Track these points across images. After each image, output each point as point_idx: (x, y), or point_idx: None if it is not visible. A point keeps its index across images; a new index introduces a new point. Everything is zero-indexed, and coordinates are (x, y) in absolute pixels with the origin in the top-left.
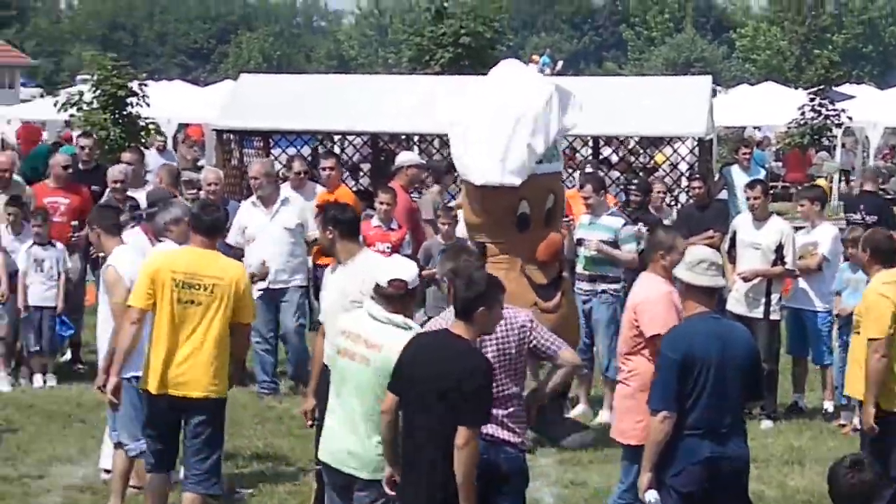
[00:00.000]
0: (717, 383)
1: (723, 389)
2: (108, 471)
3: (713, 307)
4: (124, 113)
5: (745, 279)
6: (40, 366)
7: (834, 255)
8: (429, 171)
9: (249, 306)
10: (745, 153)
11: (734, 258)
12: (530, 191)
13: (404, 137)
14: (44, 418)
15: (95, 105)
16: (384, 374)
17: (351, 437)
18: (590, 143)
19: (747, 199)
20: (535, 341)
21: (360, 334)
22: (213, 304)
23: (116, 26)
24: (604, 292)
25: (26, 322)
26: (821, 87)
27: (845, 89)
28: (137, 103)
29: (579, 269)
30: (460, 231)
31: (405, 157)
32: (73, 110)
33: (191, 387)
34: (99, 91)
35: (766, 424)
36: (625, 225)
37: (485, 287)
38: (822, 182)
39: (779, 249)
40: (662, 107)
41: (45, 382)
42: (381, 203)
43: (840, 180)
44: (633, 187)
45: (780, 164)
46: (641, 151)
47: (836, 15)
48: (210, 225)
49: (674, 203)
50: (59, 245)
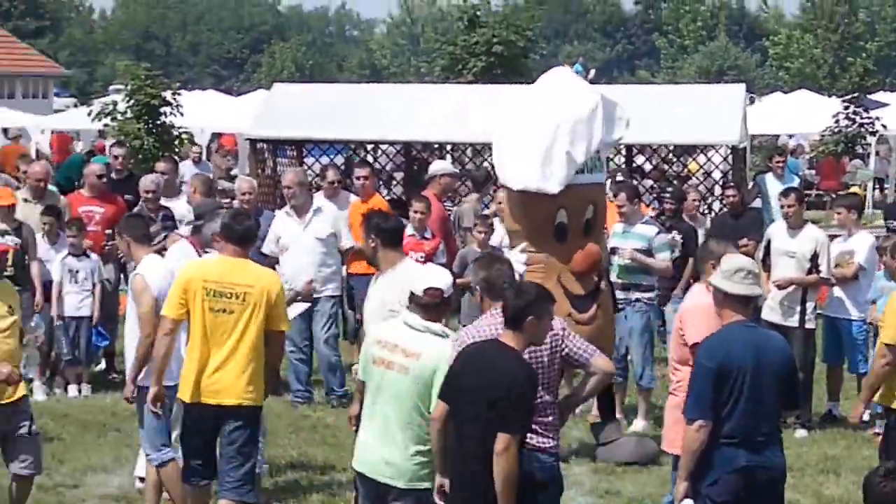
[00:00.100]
0: (753, 392)
1: (759, 398)
2: (143, 479)
3: (749, 316)
4: (158, 122)
5: (780, 287)
6: (75, 376)
7: (870, 264)
8: (468, 179)
9: (283, 314)
10: (778, 161)
11: (769, 266)
12: (569, 200)
13: (437, 146)
14: (79, 427)
15: (129, 115)
16: (422, 382)
17: (387, 446)
18: (623, 152)
19: (782, 207)
20: (567, 349)
21: (396, 343)
22: (246, 312)
23: (149, 36)
24: (637, 301)
25: (60, 331)
26: (855, 95)
27: (879, 97)
28: (171, 113)
29: (613, 277)
30: (495, 240)
31: (438, 166)
32: (107, 120)
33: (224, 395)
34: (132, 101)
35: (800, 433)
36: (658, 233)
37: (534, 296)
38: (856, 190)
39: (814, 258)
40: (696, 115)
41: (80, 392)
42: (416, 212)
43: (874, 188)
44: (668, 195)
45: (814, 172)
46: (675, 160)
47: (868, 22)
48: (242, 234)
49: (707, 211)
50: (94, 255)
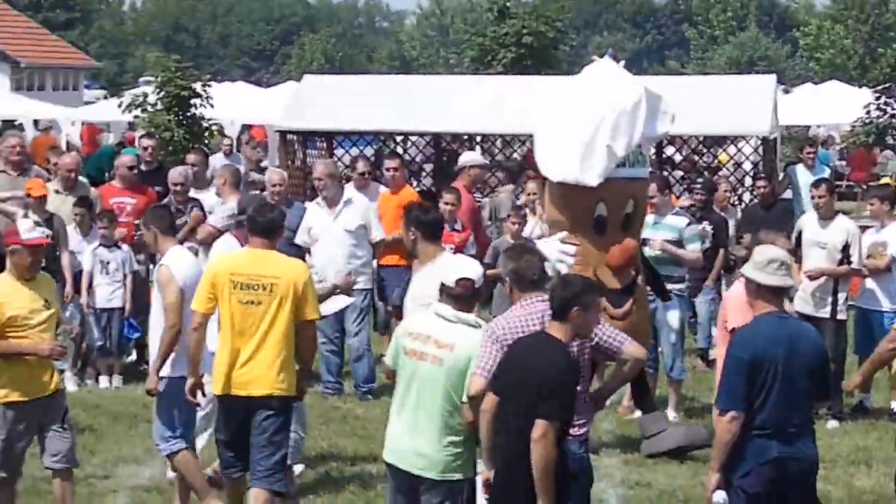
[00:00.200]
0: (785, 383)
1: (791, 389)
2: (175, 470)
3: (782, 307)
4: (188, 114)
5: (811, 277)
6: (107, 367)
7: None
8: (500, 170)
9: (312, 303)
10: (809, 152)
11: (800, 258)
12: (609, 193)
13: (467, 137)
14: (110, 419)
15: (159, 106)
16: (456, 372)
17: (419, 437)
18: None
19: (813, 198)
20: (598, 338)
21: (429, 335)
22: (274, 303)
23: (179, 28)
24: (668, 292)
25: (91, 322)
26: (886, 86)
27: None
28: (201, 104)
29: None
30: (526, 231)
31: (468, 157)
32: (138, 111)
33: (255, 385)
34: (163, 92)
35: (832, 424)
36: (689, 224)
37: (581, 287)
38: (887, 180)
39: (845, 249)
40: (726, 106)
41: (111, 383)
42: (446, 203)
43: None
44: (698, 186)
45: (845, 163)
46: (705, 151)
47: None
48: (264, 226)
49: (738, 202)
50: (125, 246)
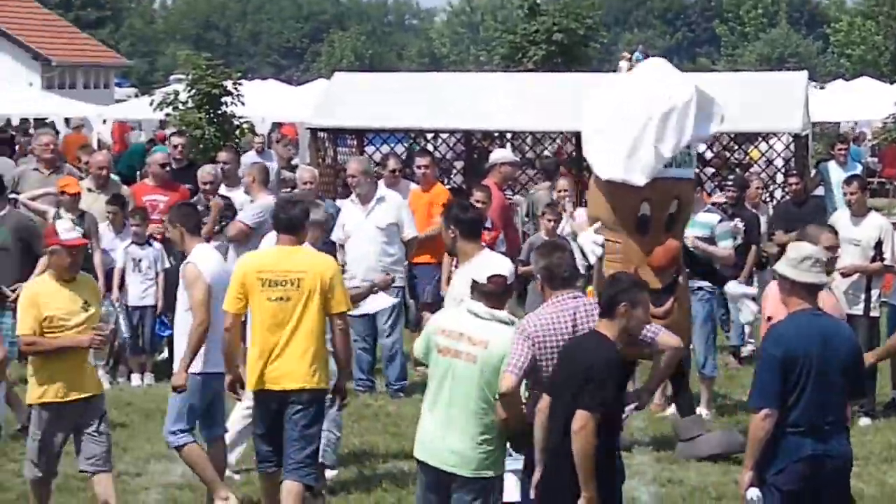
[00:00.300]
0: (819, 380)
1: (825, 387)
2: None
3: (816, 304)
4: (219, 112)
5: (844, 275)
6: (139, 365)
7: None
8: (531, 168)
9: (340, 296)
10: (841, 149)
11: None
12: (654, 193)
13: (497, 135)
14: (142, 416)
15: (190, 104)
16: (490, 369)
17: (452, 434)
18: None
19: (845, 194)
20: None
21: (462, 332)
22: (303, 297)
23: (210, 26)
24: (700, 289)
25: (123, 319)
26: None
27: None
28: (232, 102)
29: None
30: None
31: (499, 155)
32: (169, 109)
33: (286, 380)
34: (194, 90)
35: (864, 422)
36: (720, 221)
37: (627, 284)
38: None
39: (878, 245)
40: (758, 102)
41: (143, 381)
42: (477, 201)
43: None
44: (730, 183)
45: (876, 159)
46: (736, 147)
47: None
48: (286, 222)
49: (769, 199)
50: (157, 244)
